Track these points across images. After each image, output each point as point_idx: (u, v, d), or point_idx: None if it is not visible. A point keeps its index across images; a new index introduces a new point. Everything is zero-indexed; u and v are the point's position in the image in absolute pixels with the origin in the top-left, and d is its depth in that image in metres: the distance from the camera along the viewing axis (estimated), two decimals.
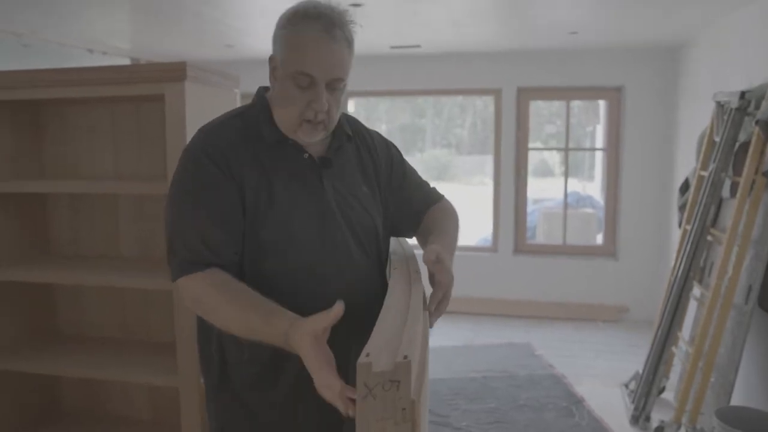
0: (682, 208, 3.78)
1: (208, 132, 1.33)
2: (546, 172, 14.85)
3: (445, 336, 4.86)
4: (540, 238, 7.31)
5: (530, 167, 5.73)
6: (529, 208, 8.33)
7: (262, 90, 1.40)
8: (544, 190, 10.39)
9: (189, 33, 4.29)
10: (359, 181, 1.43)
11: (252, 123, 1.34)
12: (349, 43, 1.28)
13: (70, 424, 2.69)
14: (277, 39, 1.30)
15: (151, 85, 2.23)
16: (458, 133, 20.03)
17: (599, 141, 7.83)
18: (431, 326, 1.23)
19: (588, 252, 5.51)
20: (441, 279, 1.25)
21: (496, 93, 5.43)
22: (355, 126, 1.50)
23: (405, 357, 0.80)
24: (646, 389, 3.37)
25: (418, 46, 4.86)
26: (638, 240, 5.19)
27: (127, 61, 5.06)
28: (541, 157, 15.12)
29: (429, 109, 18.48)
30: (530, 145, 5.66)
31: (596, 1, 3.41)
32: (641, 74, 5.04)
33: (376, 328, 0.94)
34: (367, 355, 0.81)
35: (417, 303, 1.11)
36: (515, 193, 5.47)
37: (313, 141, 1.33)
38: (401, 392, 0.79)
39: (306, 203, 1.32)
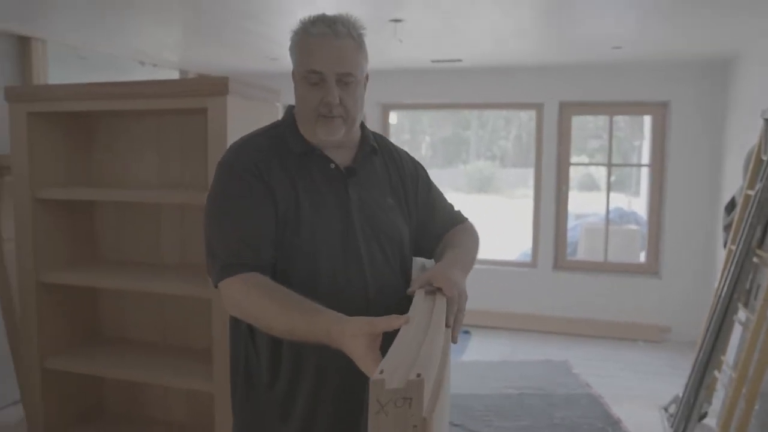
0: (727, 227, 3.66)
1: (240, 147, 1.40)
2: (592, 186, 14.57)
3: (481, 351, 4.83)
4: (581, 254, 7.19)
5: (575, 181, 5.66)
6: (572, 223, 8.22)
7: (291, 107, 1.46)
8: (589, 204, 10.22)
9: (235, 47, 4.42)
10: (385, 192, 1.46)
11: (280, 136, 1.41)
12: (354, 38, 1.35)
13: (112, 424, 2.78)
14: (291, 51, 1.40)
15: (195, 99, 2.32)
16: (503, 145, 19.88)
17: (645, 156, 7.67)
18: (454, 341, 1.24)
19: (630, 270, 5.39)
20: (447, 293, 1.24)
21: (538, 107, 5.39)
22: (382, 141, 1.55)
23: (418, 375, 0.82)
24: (686, 414, 3.27)
25: (460, 60, 4.87)
26: (683, 259, 5.05)
27: (176, 73, 5.23)
28: (587, 171, 14.85)
29: (473, 120, 18.42)
30: (575, 159, 5.60)
31: (641, 16, 3.37)
32: (688, 89, 4.93)
33: (393, 345, 0.96)
34: (381, 372, 0.83)
35: (439, 320, 1.12)
36: (556, 208, 5.40)
37: (334, 137, 1.37)
38: (413, 410, 0.80)
39: (331, 212, 1.36)
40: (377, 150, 1.49)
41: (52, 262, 2.65)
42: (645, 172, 7.75)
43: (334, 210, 1.37)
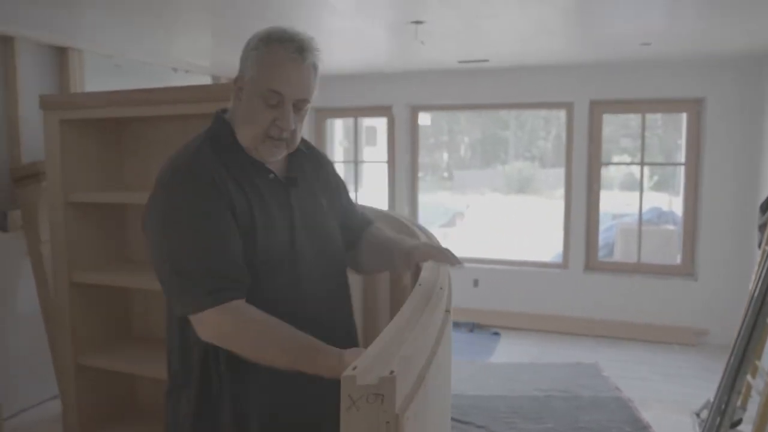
0: (762, 227, 3.56)
1: (192, 157, 1.33)
2: (633, 185, 14.24)
3: (510, 353, 4.80)
4: (617, 255, 7.05)
5: (617, 181, 5.58)
6: (608, 223, 8.07)
7: (221, 113, 1.44)
8: (629, 204, 9.98)
9: None
10: (318, 195, 1.49)
11: (222, 148, 1.36)
12: (315, 68, 1.36)
13: (144, 421, 2.88)
14: (248, 59, 1.35)
15: (218, 103, 2.38)
16: (542, 145, 19.60)
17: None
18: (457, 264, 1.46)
19: (664, 271, 5.26)
20: (453, 262, 1.45)
21: (568, 106, 5.32)
22: (308, 144, 1.56)
23: (391, 372, 0.84)
24: (716, 420, 3.18)
25: (486, 60, 4.85)
26: (719, 259, 4.91)
27: (208, 79, 5.36)
28: (629, 170, 14.53)
29: (511, 121, 18.23)
30: (616, 158, 5.50)
31: (668, 11, 3.30)
32: (723, 85, 4.79)
33: (373, 343, 0.98)
34: (354, 368, 0.85)
35: (430, 321, 1.14)
36: (587, 208, 5.32)
37: (274, 159, 1.38)
38: (385, 406, 0.82)
39: (279, 223, 1.36)
40: (306, 154, 1.50)
41: (84, 263, 2.76)
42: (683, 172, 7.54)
43: (281, 221, 1.37)
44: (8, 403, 3.40)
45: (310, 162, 1.51)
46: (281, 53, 1.31)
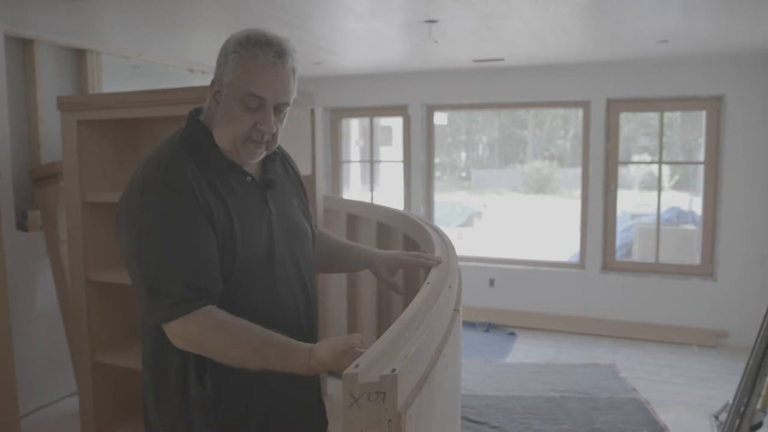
0: None
1: (168, 163, 1.30)
2: (653, 185, 14.04)
3: (526, 353, 4.77)
4: (636, 255, 6.98)
5: (637, 181, 5.51)
6: (626, 223, 7.98)
7: (194, 113, 1.42)
8: (648, 204, 9.87)
9: None
10: (291, 195, 1.52)
11: (199, 150, 1.35)
12: (294, 71, 1.36)
13: None
14: (226, 62, 1.34)
15: None
16: (561, 144, 19.46)
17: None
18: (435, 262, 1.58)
19: (682, 271, 5.19)
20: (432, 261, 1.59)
21: (585, 105, 5.27)
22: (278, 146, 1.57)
23: (393, 370, 0.84)
24: (735, 422, 3.13)
25: (501, 59, 4.83)
26: (739, 260, 4.83)
27: None
28: (649, 170, 14.37)
29: (530, 120, 18.13)
30: (635, 158, 5.43)
31: (686, 7, 3.25)
32: (744, 82, 4.71)
33: (378, 341, 0.98)
34: (356, 366, 0.85)
35: (436, 319, 1.14)
36: (604, 208, 5.27)
37: (253, 161, 1.39)
38: (387, 404, 0.82)
39: (257, 228, 1.37)
40: (277, 155, 1.51)
41: (100, 262, 2.80)
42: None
43: (259, 225, 1.37)
44: (27, 400, 3.46)
45: (281, 162, 1.53)
46: (261, 57, 1.30)
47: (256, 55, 1.30)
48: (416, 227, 2.36)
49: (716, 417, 3.48)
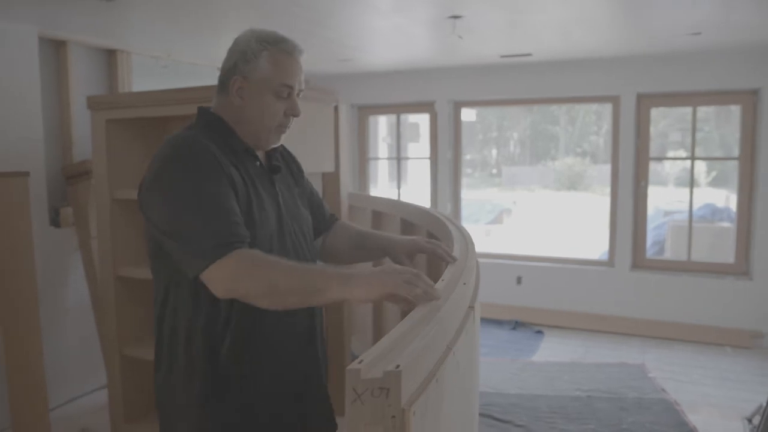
0: None
1: (192, 140, 1.38)
2: (688, 181, 13.70)
3: (553, 352, 4.72)
4: (668, 252, 6.83)
5: (672, 177, 5.40)
6: (659, 220, 7.80)
7: (207, 112, 1.50)
8: (682, 201, 9.64)
9: (306, 50, 4.55)
10: (292, 183, 1.63)
11: (215, 134, 1.44)
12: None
13: None
14: (257, 58, 1.43)
15: None
16: (594, 140, 19.15)
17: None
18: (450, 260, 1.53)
19: (716, 270, 5.06)
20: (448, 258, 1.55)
21: (614, 100, 5.17)
22: None
23: (397, 366, 0.83)
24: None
25: (529, 54, 4.77)
26: None
27: None
28: (684, 166, 14.04)
29: (562, 116, 17.89)
30: (670, 153, 5.31)
31: None
32: None
33: (384, 337, 0.98)
34: (360, 361, 0.86)
35: (447, 316, 1.13)
36: (634, 205, 5.17)
37: (274, 146, 1.53)
38: (390, 400, 0.82)
39: (269, 208, 1.46)
40: (278, 148, 1.59)
41: (128, 258, 2.86)
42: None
43: (271, 206, 1.47)
44: (59, 393, 3.56)
45: (281, 154, 1.63)
46: (287, 50, 1.46)
47: (283, 49, 1.45)
48: (438, 224, 2.36)
49: (749, 420, 3.39)
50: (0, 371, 2.95)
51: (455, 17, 3.38)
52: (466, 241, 1.86)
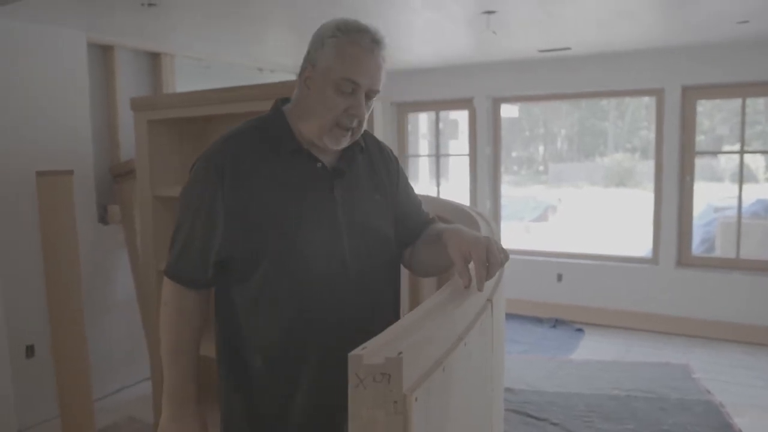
0: None
1: (227, 139, 1.38)
2: (748, 177, 13.17)
3: (593, 350, 4.64)
4: (718, 250, 6.60)
5: (727, 172, 5.25)
6: (710, 216, 7.55)
7: (281, 102, 1.44)
8: (735, 197, 9.25)
9: None
10: (371, 189, 1.45)
11: (269, 134, 1.38)
12: (384, 61, 1.34)
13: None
14: (323, 46, 1.32)
15: None
16: (644, 135, 18.64)
17: None
18: (479, 289, 1.22)
19: (766, 267, 4.87)
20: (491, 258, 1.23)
21: (658, 93, 5.04)
22: (369, 137, 1.52)
23: (399, 353, 0.86)
24: None
25: (568, 48, 4.70)
26: None
27: (292, 77, 5.55)
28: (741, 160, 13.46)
29: (611, 111, 17.48)
30: (727, 148, 5.15)
31: None
32: None
33: (395, 323, 1.00)
34: (364, 348, 0.88)
35: (460, 308, 1.15)
36: (679, 200, 5.03)
37: (336, 148, 1.37)
38: (392, 386, 0.84)
39: (315, 214, 1.34)
40: (363, 148, 1.46)
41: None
42: None
43: (319, 212, 1.35)
44: (107, 383, 3.71)
45: (367, 154, 1.48)
46: (360, 42, 1.30)
47: (355, 41, 1.30)
48: (470, 221, 2.36)
49: None
50: (48, 362, 3.11)
51: (489, 12, 3.37)
52: (493, 234, 1.87)
